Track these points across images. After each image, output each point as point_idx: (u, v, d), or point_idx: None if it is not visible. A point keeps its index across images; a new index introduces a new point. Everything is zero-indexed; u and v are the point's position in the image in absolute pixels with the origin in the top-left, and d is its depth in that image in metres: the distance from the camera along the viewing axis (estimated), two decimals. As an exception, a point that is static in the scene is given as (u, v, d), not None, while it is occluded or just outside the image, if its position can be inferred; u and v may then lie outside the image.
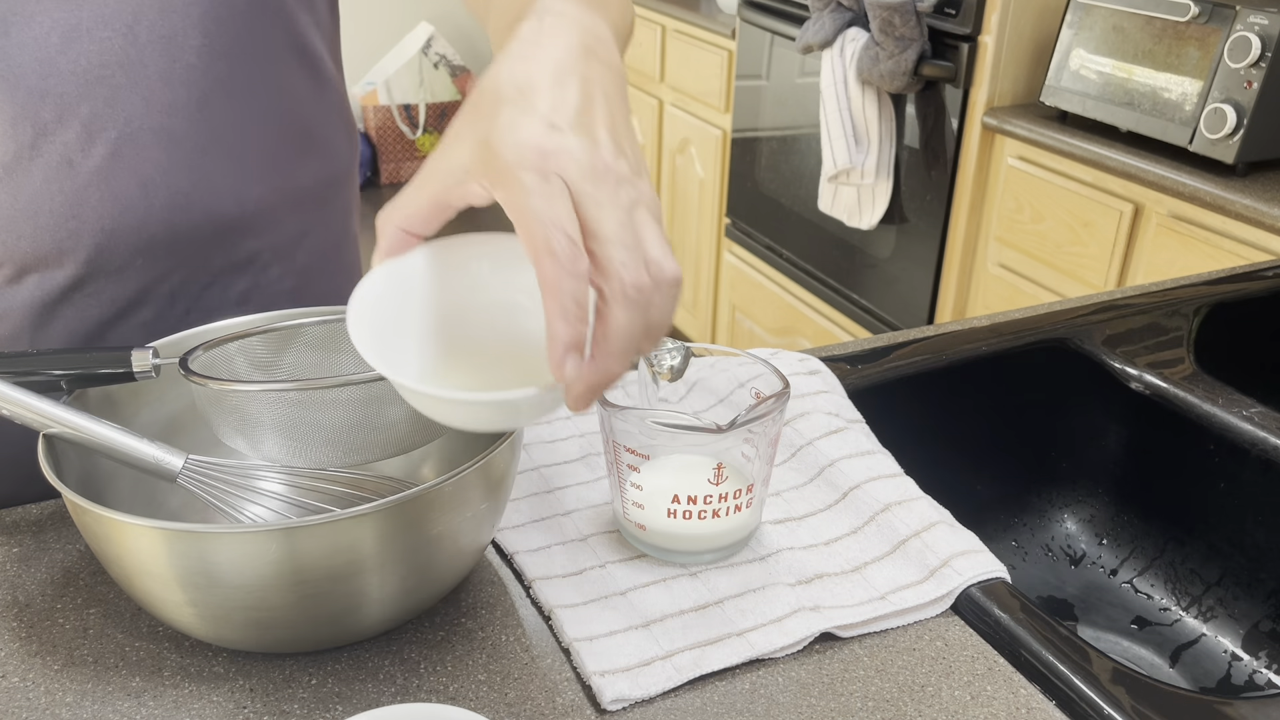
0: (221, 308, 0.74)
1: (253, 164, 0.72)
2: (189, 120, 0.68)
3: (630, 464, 0.63)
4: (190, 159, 0.69)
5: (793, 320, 2.48)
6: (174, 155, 0.68)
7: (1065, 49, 1.76)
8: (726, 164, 2.62)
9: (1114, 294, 0.99)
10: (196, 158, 0.69)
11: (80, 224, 0.67)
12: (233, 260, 0.74)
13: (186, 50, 0.67)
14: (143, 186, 0.68)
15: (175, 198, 0.69)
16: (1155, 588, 0.86)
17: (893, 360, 0.87)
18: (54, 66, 0.64)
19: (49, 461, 0.55)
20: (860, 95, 1.99)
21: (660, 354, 0.67)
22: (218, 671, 0.57)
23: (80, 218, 0.67)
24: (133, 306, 0.71)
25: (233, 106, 0.70)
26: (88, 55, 0.65)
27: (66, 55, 0.64)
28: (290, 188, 0.75)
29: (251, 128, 0.72)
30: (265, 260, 0.76)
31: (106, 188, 0.67)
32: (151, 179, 0.68)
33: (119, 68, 0.66)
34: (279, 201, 0.75)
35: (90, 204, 0.67)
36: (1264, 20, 1.47)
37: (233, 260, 0.74)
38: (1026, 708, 0.56)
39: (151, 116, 0.67)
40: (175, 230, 0.70)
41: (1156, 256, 1.62)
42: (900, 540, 0.66)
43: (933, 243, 2.02)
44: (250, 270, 0.75)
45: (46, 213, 0.66)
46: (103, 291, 0.70)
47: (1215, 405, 0.82)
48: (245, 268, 0.75)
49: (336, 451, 0.60)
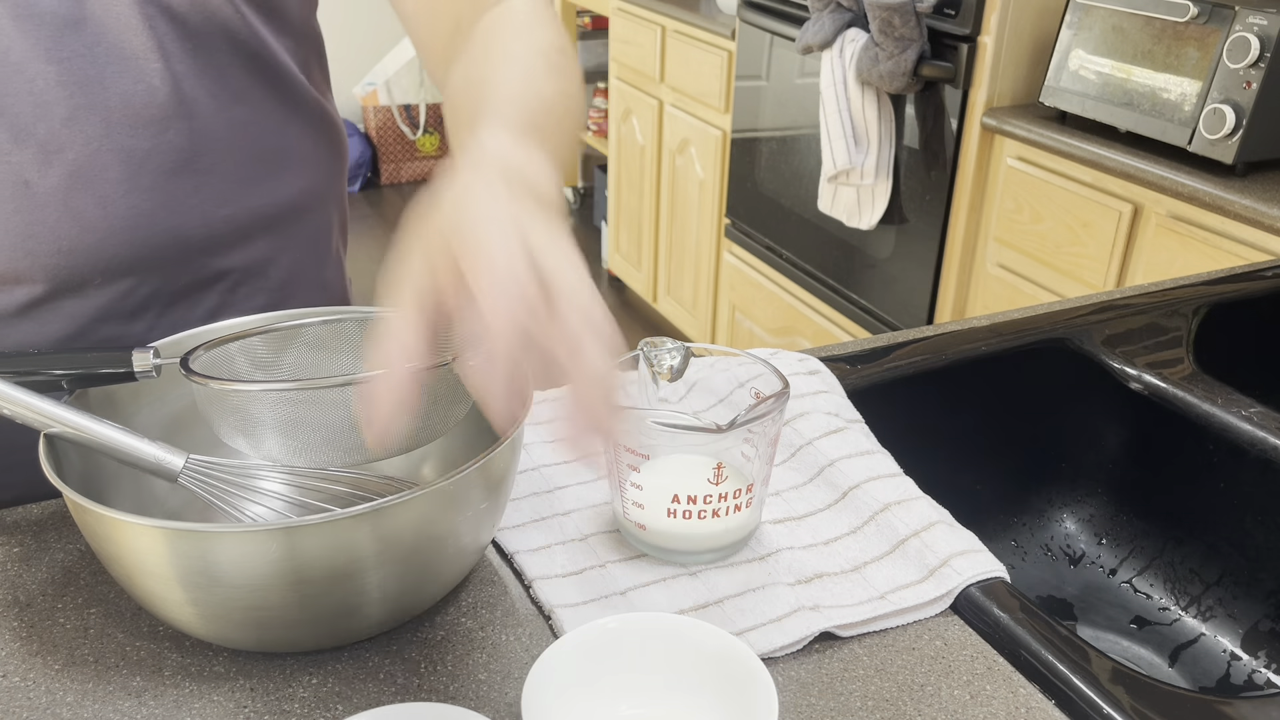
0: (187, 324, 0.72)
1: (219, 184, 0.71)
2: (150, 141, 0.67)
3: (630, 464, 0.63)
4: (153, 180, 0.68)
5: (792, 320, 2.48)
6: (135, 176, 0.67)
7: (1064, 49, 1.76)
8: (726, 164, 2.62)
9: (1113, 294, 0.99)
10: (160, 179, 0.68)
11: (37, 244, 0.66)
12: (199, 278, 0.73)
13: (147, 71, 0.66)
14: (102, 206, 0.67)
15: (138, 218, 0.68)
16: (1154, 587, 0.86)
17: (892, 360, 0.87)
18: (9, 86, 0.63)
19: (50, 461, 0.55)
20: (860, 96, 1.99)
21: (660, 354, 0.67)
22: (218, 671, 0.57)
23: (37, 237, 0.66)
24: (94, 324, 0.70)
25: (195, 127, 0.69)
26: (45, 75, 0.64)
27: (24, 74, 0.63)
28: (259, 206, 0.74)
29: (216, 148, 0.70)
30: (235, 279, 0.75)
31: (64, 208, 0.66)
32: (111, 199, 0.67)
33: (77, 87, 0.65)
34: (248, 221, 0.73)
35: (48, 224, 0.66)
36: (1263, 21, 1.47)
37: (199, 278, 0.73)
38: (1026, 707, 0.56)
39: (111, 137, 0.66)
40: (138, 250, 0.69)
41: (1156, 257, 1.62)
42: (900, 540, 0.66)
43: (932, 243, 2.02)
44: (218, 288, 0.74)
45: (3, 232, 0.65)
46: (62, 308, 0.69)
47: (1214, 405, 0.82)
48: (213, 285, 0.74)
49: (336, 451, 0.60)
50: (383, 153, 4.15)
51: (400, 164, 4.19)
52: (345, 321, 0.65)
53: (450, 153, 0.52)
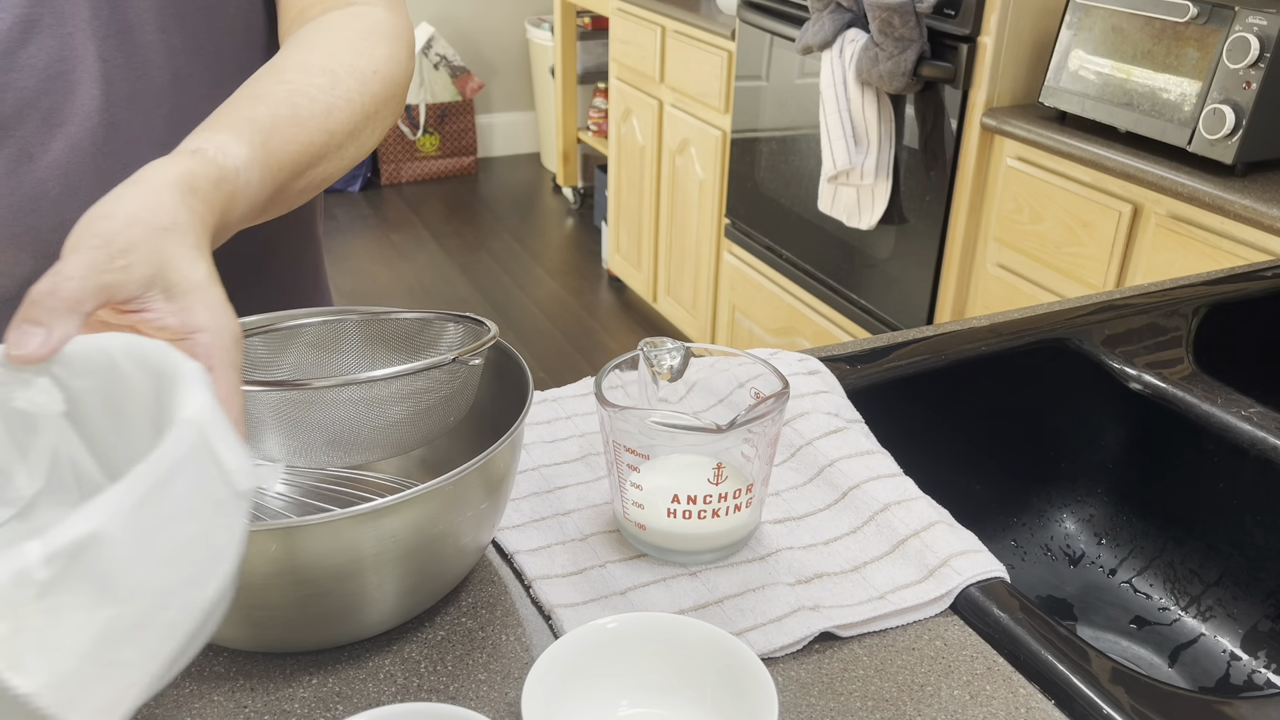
0: None
1: None
2: (148, 114, 0.69)
3: (630, 464, 0.63)
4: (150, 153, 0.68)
5: (792, 320, 2.49)
6: (134, 149, 0.68)
7: (1064, 50, 1.76)
8: (726, 164, 2.62)
9: (1113, 294, 0.99)
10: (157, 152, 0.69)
11: (39, 218, 0.67)
12: None
13: (144, 44, 0.67)
14: (101, 180, 0.68)
15: None
16: (1154, 587, 0.86)
17: (892, 360, 0.87)
18: (13, 60, 0.64)
19: (50, 461, 0.55)
20: (860, 96, 1.99)
21: (660, 354, 0.67)
22: (218, 671, 0.57)
23: (39, 212, 0.67)
24: None
25: (191, 101, 0.70)
26: (47, 50, 0.65)
27: (26, 49, 0.64)
28: None
29: None
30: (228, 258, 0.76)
31: (65, 181, 0.67)
32: (111, 172, 0.68)
33: (78, 61, 0.66)
34: None
35: (49, 198, 0.67)
36: (1263, 21, 1.47)
37: None
38: (1026, 707, 0.56)
39: (110, 110, 0.67)
40: None
41: (1155, 257, 1.62)
42: (899, 540, 0.66)
43: (932, 243, 2.02)
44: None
45: (5, 207, 0.66)
46: None
47: (1214, 405, 0.82)
48: None
49: (336, 451, 0.60)
50: (382, 153, 4.15)
51: (400, 164, 4.19)
52: (345, 321, 0.65)
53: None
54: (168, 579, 0.35)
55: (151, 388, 0.43)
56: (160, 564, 0.35)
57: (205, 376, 0.41)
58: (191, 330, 0.45)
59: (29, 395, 0.44)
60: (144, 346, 0.43)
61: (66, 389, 0.45)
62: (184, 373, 0.41)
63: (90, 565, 0.33)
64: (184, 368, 0.41)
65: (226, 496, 0.38)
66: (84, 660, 0.33)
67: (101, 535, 0.33)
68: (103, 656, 0.33)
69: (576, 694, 0.53)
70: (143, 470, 0.35)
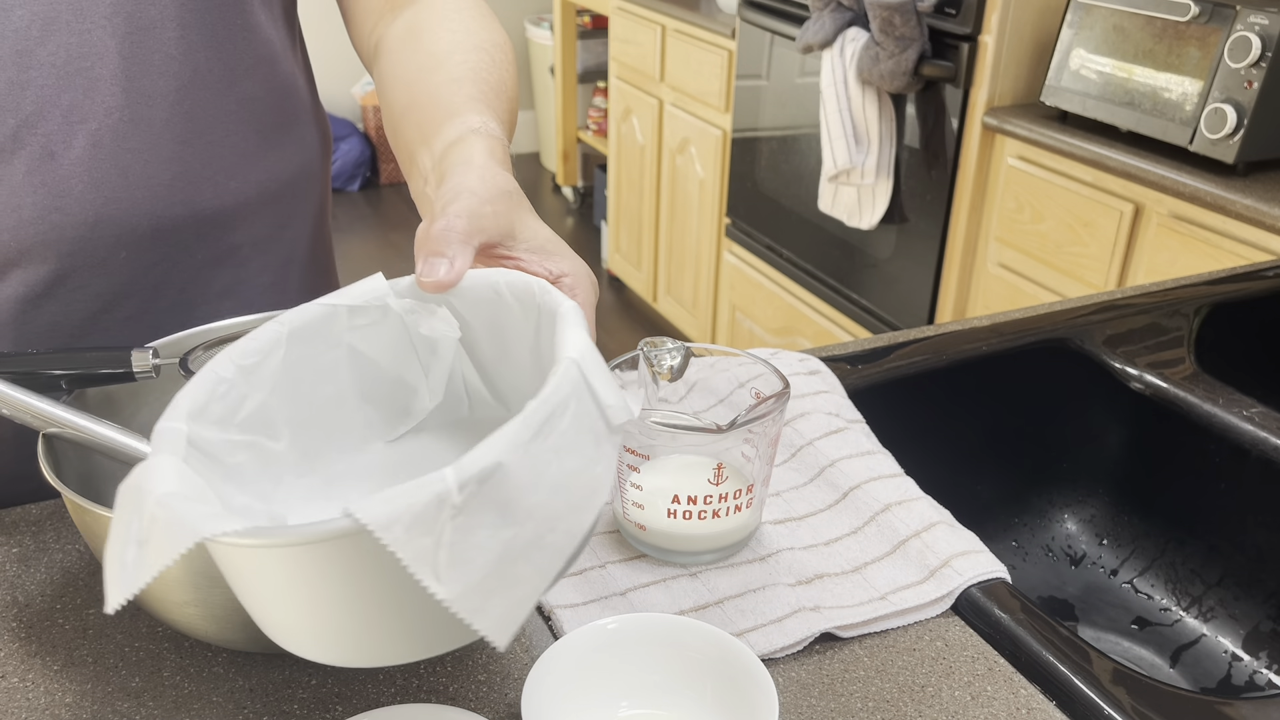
0: (204, 302, 0.75)
1: (229, 156, 0.73)
2: (168, 110, 0.69)
3: (630, 464, 0.63)
4: (170, 149, 0.70)
5: (793, 320, 2.48)
6: (154, 145, 0.69)
7: (1065, 49, 1.76)
8: (726, 164, 2.62)
9: (1114, 294, 0.99)
10: (176, 148, 0.70)
11: (64, 216, 0.67)
12: (214, 253, 0.75)
13: (164, 41, 0.68)
14: (124, 176, 0.68)
15: (156, 189, 0.70)
16: (1156, 588, 0.86)
17: (893, 360, 0.87)
18: (34, 58, 0.64)
19: (49, 461, 0.55)
20: (860, 95, 1.98)
21: (660, 354, 0.67)
22: (218, 671, 0.56)
23: (64, 210, 0.67)
24: (117, 300, 0.71)
25: (208, 97, 0.71)
26: (67, 47, 0.65)
27: (46, 47, 0.65)
28: (264, 180, 0.76)
29: (227, 119, 0.73)
30: (245, 254, 0.77)
31: (89, 178, 0.67)
32: (132, 169, 0.68)
33: (98, 58, 0.66)
34: (255, 195, 0.76)
35: (74, 195, 0.67)
36: (1264, 20, 1.47)
37: (214, 253, 0.75)
38: (1027, 708, 0.56)
39: (131, 107, 0.68)
40: (158, 222, 0.70)
41: (1157, 256, 1.62)
42: (900, 540, 0.66)
43: (933, 243, 2.02)
44: (231, 264, 0.76)
45: (30, 205, 0.66)
46: (87, 286, 0.70)
47: (1216, 405, 0.82)
48: (226, 261, 0.76)
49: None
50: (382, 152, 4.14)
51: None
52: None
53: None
54: (556, 505, 0.39)
55: (530, 318, 0.49)
56: (550, 491, 0.39)
57: (582, 315, 0.45)
58: (558, 275, 0.51)
59: (432, 323, 0.52)
60: (526, 281, 0.49)
61: (461, 318, 0.52)
62: (564, 311, 0.46)
63: (494, 491, 0.37)
64: (564, 306, 0.46)
65: (603, 431, 0.42)
66: (488, 574, 0.37)
67: (505, 465, 0.37)
68: (503, 571, 0.38)
69: (576, 695, 0.52)
70: (535, 406, 0.39)
